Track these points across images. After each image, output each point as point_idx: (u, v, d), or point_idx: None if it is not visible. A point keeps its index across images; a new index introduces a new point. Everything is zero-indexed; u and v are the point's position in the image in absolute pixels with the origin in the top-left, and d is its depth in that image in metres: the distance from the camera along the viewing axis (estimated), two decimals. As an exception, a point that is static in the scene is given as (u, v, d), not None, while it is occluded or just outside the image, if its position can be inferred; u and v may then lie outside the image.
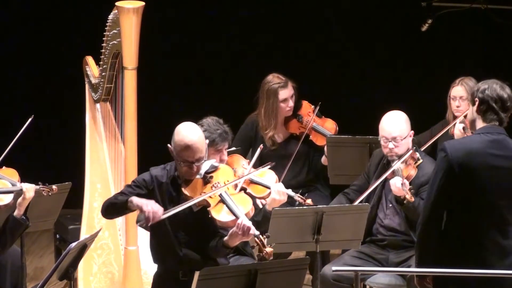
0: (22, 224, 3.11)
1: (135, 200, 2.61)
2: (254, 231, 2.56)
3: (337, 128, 4.11)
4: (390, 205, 3.43)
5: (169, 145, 2.68)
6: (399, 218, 3.40)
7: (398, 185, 3.18)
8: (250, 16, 5.30)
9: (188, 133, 2.63)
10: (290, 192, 3.02)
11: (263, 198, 3.04)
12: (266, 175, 3.15)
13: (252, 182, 3.08)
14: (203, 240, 2.68)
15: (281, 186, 3.04)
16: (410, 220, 3.29)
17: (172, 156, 2.68)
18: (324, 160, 4.04)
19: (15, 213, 3.09)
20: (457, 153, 2.22)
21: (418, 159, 3.34)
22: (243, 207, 2.64)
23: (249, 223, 2.55)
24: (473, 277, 2.16)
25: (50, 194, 3.19)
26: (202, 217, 2.66)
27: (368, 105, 5.13)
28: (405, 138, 3.32)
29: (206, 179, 2.70)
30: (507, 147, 2.26)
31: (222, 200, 2.63)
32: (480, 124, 2.30)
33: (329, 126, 4.10)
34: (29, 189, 3.09)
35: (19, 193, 3.11)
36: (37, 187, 3.16)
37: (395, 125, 3.32)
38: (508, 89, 2.31)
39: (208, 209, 2.62)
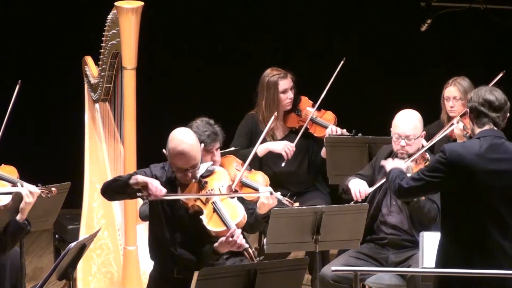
0: (24, 228, 3.10)
1: (140, 177, 2.62)
2: (244, 244, 2.59)
3: (336, 119, 4.11)
4: (394, 202, 3.43)
5: (164, 150, 2.68)
6: (402, 216, 3.40)
7: None
8: (250, 18, 5.30)
9: (181, 141, 2.63)
10: (278, 195, 3.02)
11: (253, 201, 3.05)
12: (257, 178, 3.17)
13: (243, 185, 3.09)
14: (198, 242, 2.70)
15: (269, 190, 3.04)
16: (414, 219, 3.31)
17: (170, 164, 2.70)
18: (323, 152, 4.03)
19: (18, 217, 3.07)
20: (457, 157, 2.26)
21: (428, 160, 3.34)
22: (236, 217, 2.65)
23: (239, 237, 2.57)
24: (477, 278, 2.17)
25: (49, 196, 3.18)
26: (197, 220, 2.67)
27: (367, 106, 5.13)
28: (417, 137, 3.33)
29: (201, 184, 2.71)
30: (505, 151, 2.29)
31: (215, 210, 2.64)
32: (477, 130, 2.34)
33: (328, 117, 4.10)
34: (34, 193, 3.07)
35: (18, 194, 3.09)
36: (37, 189, 3.15)
37: (409, 124, 3.32)
38: (497, 92, 2.35)
39: (201, 216, 2.64)
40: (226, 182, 2.78)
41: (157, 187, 2.57)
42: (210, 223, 2.63)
